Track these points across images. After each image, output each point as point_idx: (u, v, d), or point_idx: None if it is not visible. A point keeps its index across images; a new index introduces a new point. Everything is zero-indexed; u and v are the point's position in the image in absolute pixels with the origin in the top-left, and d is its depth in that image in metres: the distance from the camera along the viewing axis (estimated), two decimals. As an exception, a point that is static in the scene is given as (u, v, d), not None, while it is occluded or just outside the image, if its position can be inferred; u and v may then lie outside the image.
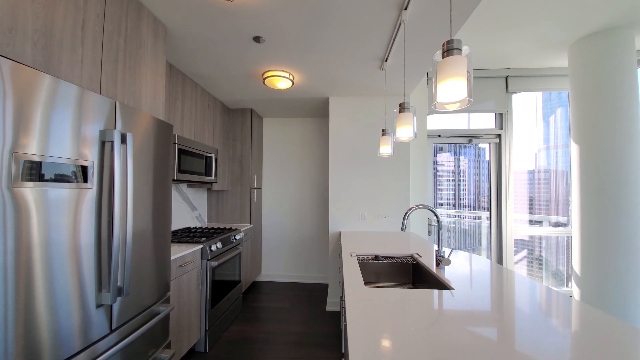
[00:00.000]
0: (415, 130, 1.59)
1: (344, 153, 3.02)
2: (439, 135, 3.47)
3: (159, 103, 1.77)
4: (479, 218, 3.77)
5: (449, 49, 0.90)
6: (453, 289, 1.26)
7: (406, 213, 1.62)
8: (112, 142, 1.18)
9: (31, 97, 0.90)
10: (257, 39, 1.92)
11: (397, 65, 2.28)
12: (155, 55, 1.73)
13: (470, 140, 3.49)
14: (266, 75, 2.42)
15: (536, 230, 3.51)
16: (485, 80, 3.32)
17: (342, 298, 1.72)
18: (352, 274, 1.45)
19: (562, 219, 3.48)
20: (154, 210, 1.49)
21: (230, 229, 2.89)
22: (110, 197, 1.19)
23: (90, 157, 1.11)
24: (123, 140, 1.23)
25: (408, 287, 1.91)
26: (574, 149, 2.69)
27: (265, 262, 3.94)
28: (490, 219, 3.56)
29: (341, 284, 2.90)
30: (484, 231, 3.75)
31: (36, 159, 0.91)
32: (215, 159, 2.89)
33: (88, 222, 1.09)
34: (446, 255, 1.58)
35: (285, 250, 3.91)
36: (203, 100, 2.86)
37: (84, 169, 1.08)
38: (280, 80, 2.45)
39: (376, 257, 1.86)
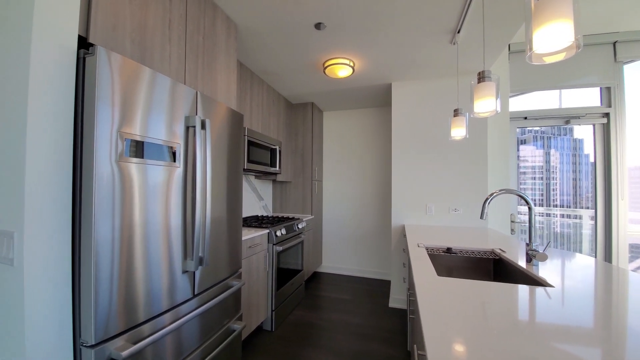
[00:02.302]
0: (499, 103, 1.38)
1: (407, 142, 2.83)
2: (525, 118, 2.97)
3: (231, 96, 1.92)
4: (579, 217, 3.12)
5: (552, -16, 0.73)
6: (552, 286, 1.04)
7: (487, 199, 1.42)
8: (195, 127, 1.31)
9: (133, 85, 1.04)
10: (318, 25, 1.92)
11: (472, 36, 2.03)
12: (227, 52, 1.87)
13: (567, 122, 2.91)
14: (327, 64, 2.42)
15: (666, 233, 2.74)
16: (584, 49, 2.73)
17: (410, 291, 1.61)
18: (421, 264, 1.33)
19: None
20: (228, 189, 1.61)
21: (293, 218, 2.99)
22: (193, 176, 1.32)
23: (178, 140, 1.25)
24: (203, 126, 1.36)
25: (487, 287, 1.68)
26: None
27: (326, 254, 3.98)
28: (595, 218, 2.91)
29: (405, 280, 2.73)
30: (586, 234, 3.10)
31: (137, 138, 1.06)
32: (280, 152, 3.02)
33: (176, 196, 1.23)
34: (541, 251, 1.33)
35: (346, 242, 3.89)
36: (269, 96, 3.02)
37: (173, 150, 1.22)
38: (341, 68, 2.42)
39: (448, 250, 1.69)
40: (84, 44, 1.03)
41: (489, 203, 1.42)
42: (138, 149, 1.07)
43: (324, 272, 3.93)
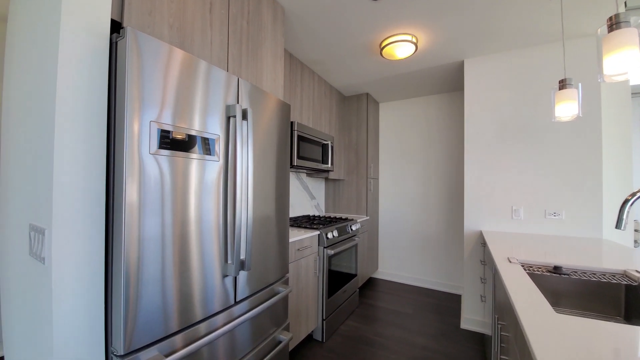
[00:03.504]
0: (649, 58, 0.92)
1: (485, 131, 2.34)
2: (658, 92, 2.20)
3: (278, 85, 1.78)
4: None
5: None
6: None
7: (627, 200, 0.97)
8: (235, 117, 1.18)
9: (168, 70, 0.94)
10: (374, -5, 1.65)
11: (586, -18, 1.51)
12: (274, 38, 1.73)
13: None
14: (384, 43, 2.11)
15: None
16: None
17: (501, 322, 1.23)
18: (523, 291, 0.96)
19: None
20: (274, 186, 1.45)
21: (346, 219, 2.76)
22: (234, 171, 1.19)
23: (217, 131, 1.13)
24: (245, 116, 1.22)
25: (616, 321, 1.19)
26: None
27: (383, 259, 3.64)
28: None
29: (485, 299, 2.26)
30: None
31: (171, 129, 0.95)
32: (332, 147, 2.82)
33: (215, 193, 1.11)
34: None
35: (406, 247, 3.49)
36: (320, 88, 2.84)
37: (212, 142, 1.10)
38: (401, 47, 2.09)
39: (556, 269, 1.24)
40: (118, 30, 0.97)
41: (631, 205, 0.96)
42: (172, 140, 0.96)
43: (380, 279, 3.60)
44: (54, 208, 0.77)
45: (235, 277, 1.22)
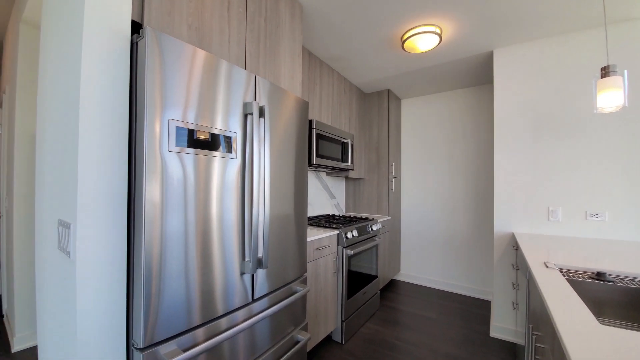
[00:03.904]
0: None
1: (516, 126, 2.18)
2: None
3: (296, 83, 1.76)
4: None
5: None
6: None
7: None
8: (252, 114, 1.18)
9: (186, 69, 0.95)
10: (395, -14, 1.58)
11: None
12: (292, 35, 1.72)
13: None
14: (406, 36, 2.03)
15: None
16: None
17: (535, 332, 1.13)
18: (562, 298, 0.87)
19: None
20: (292, 184, 1.44)
21: (366, 219, 2.70)
22: (251, 168, 1.19)
23: (234, 129, 1.13)
24: (262, 113, 1.21)
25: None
26: None
27: (405, 260, 3.53)
28: None
29: (517, 306, 2.11)
30: None
31: (189, 126, 0.96)
32: (352, 146, 2.77)
33: (233, 191, 1.11)
34: None
35: (429, 249, 3.35)
36: (339, 86, 2.81)
37: (229, 140, 1.11)
38: (424, 39, 2.00)
39: (599, 275, 1.12)
40: (138, 30, 0.99)
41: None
42: (190, 138, 0.97)
43: (402, 281, 3.49)
44: (79, 203, 0.80)
45: (253, 275, 1.21)
